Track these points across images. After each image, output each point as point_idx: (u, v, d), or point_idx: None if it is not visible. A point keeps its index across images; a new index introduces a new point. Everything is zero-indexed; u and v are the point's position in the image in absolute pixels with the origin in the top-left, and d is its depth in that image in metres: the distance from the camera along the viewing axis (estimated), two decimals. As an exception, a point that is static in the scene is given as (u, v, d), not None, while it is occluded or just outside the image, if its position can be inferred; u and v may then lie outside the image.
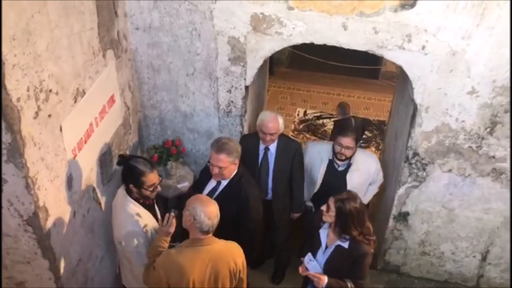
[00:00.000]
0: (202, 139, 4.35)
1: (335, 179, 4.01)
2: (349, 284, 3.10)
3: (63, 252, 3.07)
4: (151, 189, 3.17)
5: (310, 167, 4.14)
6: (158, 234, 3.05)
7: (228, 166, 3.34)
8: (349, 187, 3.90)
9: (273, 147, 3.98)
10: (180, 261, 2.79)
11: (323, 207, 3.11)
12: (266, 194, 4.09)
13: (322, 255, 3.22)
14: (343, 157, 3.90)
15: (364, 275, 3.17)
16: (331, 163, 4.04)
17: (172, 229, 3.01)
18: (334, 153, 3.96)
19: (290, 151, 3.99)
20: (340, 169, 4.03)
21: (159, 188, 3.27)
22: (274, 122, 3.82)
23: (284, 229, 4.31)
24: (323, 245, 3.22)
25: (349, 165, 4.00)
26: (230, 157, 3.32)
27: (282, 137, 4.02)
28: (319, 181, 4.08)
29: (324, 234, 3.22)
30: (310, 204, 4.29)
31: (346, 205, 3.00)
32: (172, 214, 3.01)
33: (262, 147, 3.99)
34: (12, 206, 2.69)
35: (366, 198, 4.17)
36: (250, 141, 4.01)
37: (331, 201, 3.06)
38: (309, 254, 3.24)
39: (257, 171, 4.00)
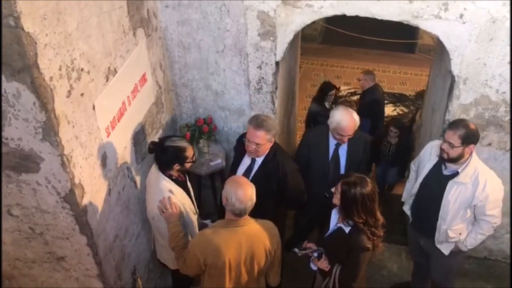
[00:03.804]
0: (233, 116, 4.35)
1: (435, 182, 3.40)
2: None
3: (99, 229, 3.14)
4: (193, 159, 3.28)
5: (418, 163, 3.64)
6: (166, 222, 3.09)
7: (265, 143, 3.34)
8: (445, 200, 3.33)
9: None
10: (216, 241, 2.81)
11: (333, 189, 3.01)
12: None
13: None
14: (445, 155, 3.24)
15: (357, 273, 3.01)
16: (438, 163, 3.40)
17: (173, 211, 3.05)
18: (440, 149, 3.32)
19: (361, 143, 3.84)
20: (445, 172, 3.35)
21: (194, 158, 3.35)
22: (353, 122, 3.59)
23: None
24: (332, 225, 3.15)
25: (457, 173, 3.30)
26: (268, 134, 3.32)
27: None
28: (419, 179, 3.52)
29: (335, 214, 3.14)
30: (408, 211, 3.76)
31: (352, 189, 2.85)
32: (166, 198, 3.08)
33: (333, 142, 3.81)
34: (49, 184, 2.76)
35: (468, 240, 3.45)
36: (318, 135, 3.90)
37: (340, 183, 2.94)
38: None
39: (327, 165, 3.85)
